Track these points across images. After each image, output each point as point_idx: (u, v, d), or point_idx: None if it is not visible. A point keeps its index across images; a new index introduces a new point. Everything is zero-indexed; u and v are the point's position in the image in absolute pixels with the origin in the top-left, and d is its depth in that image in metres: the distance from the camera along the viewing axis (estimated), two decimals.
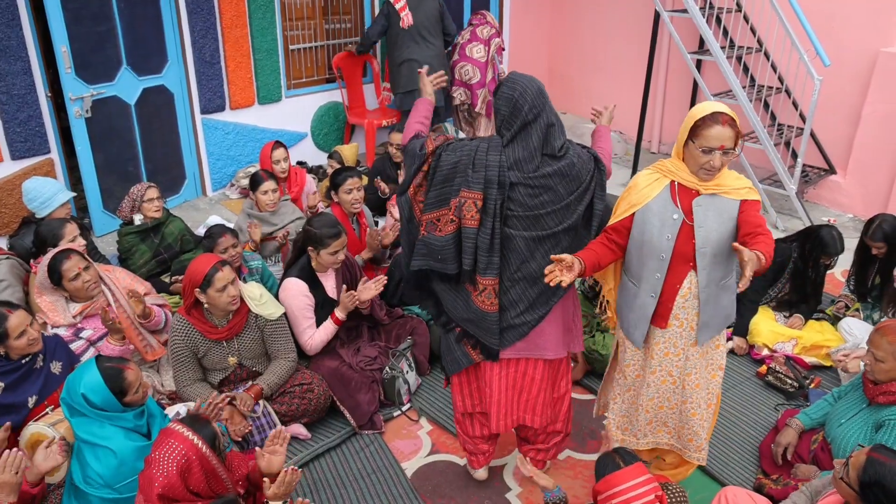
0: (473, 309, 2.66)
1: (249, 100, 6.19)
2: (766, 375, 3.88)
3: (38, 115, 5.04)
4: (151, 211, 4.43)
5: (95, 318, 3.51)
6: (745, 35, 6.29)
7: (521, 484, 3.22)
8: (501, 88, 2.51)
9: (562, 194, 2.54)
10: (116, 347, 3.41)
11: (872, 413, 2.85)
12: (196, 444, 2.35)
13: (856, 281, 4.23)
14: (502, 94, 2.50)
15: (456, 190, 2.54)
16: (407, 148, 2.74)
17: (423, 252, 2.65)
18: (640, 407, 2.86)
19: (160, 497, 2.27)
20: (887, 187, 5.78)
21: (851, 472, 2.16)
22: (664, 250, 2.57)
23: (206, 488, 2.38)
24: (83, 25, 5.03)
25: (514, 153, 2.51)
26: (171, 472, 2.28)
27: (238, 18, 5.88)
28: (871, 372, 2.83)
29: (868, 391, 2.88)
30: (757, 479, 3.16)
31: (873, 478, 2.10)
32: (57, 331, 3.41)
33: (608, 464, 2.33)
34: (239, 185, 6.19)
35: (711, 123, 2.41)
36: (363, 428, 3.51)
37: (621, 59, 7.63)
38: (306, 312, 3.62)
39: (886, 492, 2.06)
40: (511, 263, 2.59)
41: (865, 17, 5.68)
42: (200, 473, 2.35)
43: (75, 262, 3.39)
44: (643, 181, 2.64)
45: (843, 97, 5.94)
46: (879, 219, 3.97)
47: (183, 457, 2.32)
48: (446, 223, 2.57)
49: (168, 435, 2.37)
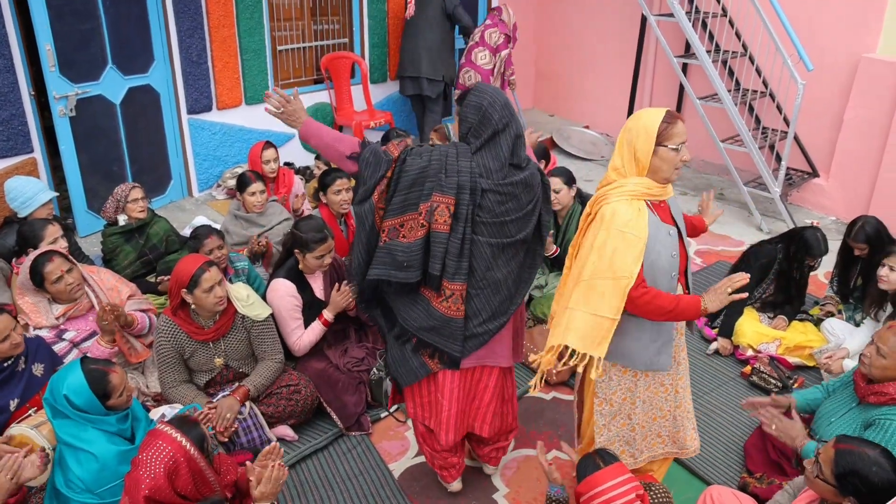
0: (436, 316, 2.62)
1: (237, 100, 6.17)
2: (751, 376, 3.92)
3: (21, 113, 4.98)
4: (136, 212, 4.39)
5: (79, 320, 3.47)
6: (730, 39, 6.36)
7: (508, 484, 3.23)
8: (469, 97, 2.53)
9: (523, 203, 2.59)
10: (106, 350, 3.36)
11: (861, 412, 2.85)
12: (184, 445, 2.33)
13: (838, 282, 4.29)
14: (470, 102, 2.52)
15: (427, 195, 2.52)
16: (362, 156, 2.59)
17: (384, 261, 2.60)
18: (636, 426, 2.74)
19: (147, 499, 2.24)
20: (869, 190, 5.86)
21: (824, 468, 2.18)
22: (673, 268, 2.49)
23: (193, 490, 2.36)
24: (68, 23, 4.97)
25: (483, 161, 2.53)
26: (158, 474, 2.26)
27: (225, 18, 5.85)
28: (869, 366, 2.79)
29: (859, 389, 2.86)
30: (741, 477, 3.18)
31: (846, 468, 2.12)
32: (39, 332, 3.36)
33: (589, 465, 2.34)
34: (226, 185, 6.15)
35: (673, 120, 2.38)
36: (350, 429, 3.50)
37: (608, 62, 7.67)
38: (294, 313, 3.61)
39: (862, 477, 2.09)
40: (477, 270, 2.59)
41: (848, 23, 5.76)
42: (188, 475, 2.33)
43: (58, 265, 3.33)
44: (631, 217, 2.38)
45: (826, 101, 6.02)
46: (862, 220, 4.03)
47: (171, 458, 2.30)
48: (414, 228, 2.55)
49: (155, 436, 2.35)
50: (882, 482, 2.07)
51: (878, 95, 5.63)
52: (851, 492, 2.12)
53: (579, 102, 8.15)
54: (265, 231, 4.62)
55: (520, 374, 3.94)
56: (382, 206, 2.59)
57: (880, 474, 2.08)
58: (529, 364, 2.56)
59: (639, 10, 6.47)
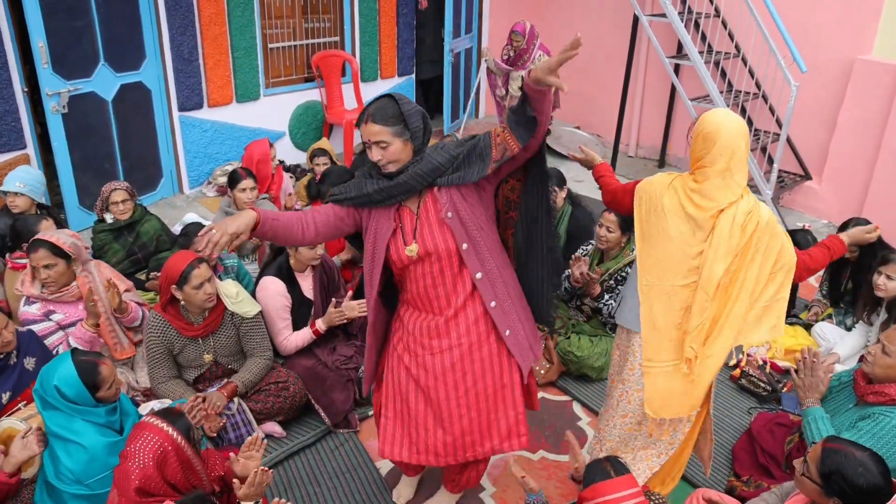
0: None
1: (227, 98, 6.16)
2: (740, 379, 3.91)
3: (15, 109, 4.98)
4: (118, 213, 4.35)
5: (70, 305, 3.48)
6: (723, 40, 6.36)
7: (494, 483, 3.23)
8: (406, 107, 2.36)
9: None
10: (88, 332, 3.38)
11: (858, 412, 2.83)
12: (171, 434, 2.33)
13: (829, 286, 4.26)
14: (411, 112, 2.38)
15: None
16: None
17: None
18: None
19: (138, 491, 2.24)
20: (862, 193, 5.86)
21: (811, 466, 2.19)
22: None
23: (182, 480, 2.36)
24: (60, 20, 4.97)
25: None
26: (147, 464, 2.26)
27: (217, 16, 5.85)
28: (872, 364, 2.76)
29: (858, 388, 2.83)
30: (729, 481, 3.18)
31: (831, 467, 2.13)
32: (28, 309, 3.40)
33: (598, 471, 2.28)
34: (216, 182, 6.14)
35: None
36: (338, 427, 3.50)
37: (600, 62, 7.67)
38: (283, 313, 3.60)
39: (846, 478, 2.09)
40: None
41: (842, 25, 5.76)
42: (177, 464, 2.33)
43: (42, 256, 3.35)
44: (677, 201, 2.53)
45: (820, 104, 6.02)
46: (853, 223, 4.00)
47: (159, 447, 2.30)
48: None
49: (143, 428, 2.35)
50: (867, 485, 2.07)
51: (873, 97, 5.62)
52: (836, 492, 2.12)
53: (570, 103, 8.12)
54: None
55: None
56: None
57: (866, 476, 2.08)
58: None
59: (631, 10, 6.47)
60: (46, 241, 3.37)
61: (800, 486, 2.28)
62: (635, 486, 2.24)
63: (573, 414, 3.72)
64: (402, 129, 2.33)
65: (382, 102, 2.35)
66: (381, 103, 2.35)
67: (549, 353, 3.90)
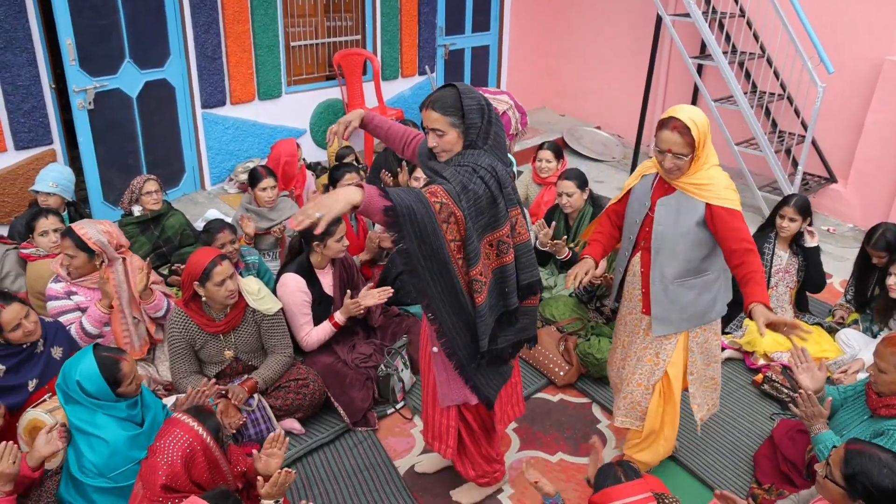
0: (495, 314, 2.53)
1: (250, 95, 6.19)
2: (763, 384, 3.86)
3: (42, 106, 5.05)
4: (150, 203, 4.45)
5: (91, 290, 3.54)
6: (747, 40, 6.29)
7: (513, 485, 3.22)
8: (467, 101, 2.33)
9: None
10: (98, 312, 3.44)
11: (873, 424, 2.81)
12: (201, 434, 2.36)
13: (855, 291, 4.19)
14: (472, 107, 2.34)
15: (503, 215, 2.39)
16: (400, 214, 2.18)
17: (493, 304, 2.45)
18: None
19: (164, 487, 2.27)
20: (889, 197, 5.77)
21: (834, 469, 2.16)
22: (633, 233, 2.84)
23: (208, 479, 2.39)
24: (87, 18, 5.04)
25: (499, 158, 2.44)
26: (175, 461, 2.29)
27: (240, 14, 5.88)
28: (875, 384, 2.79)
29: (871, 402, 2.83)
30: (750, 488, 3.15)
31: (856, 468, 2.10)
32: (53, 286, 3.48)
33: (609, 476, 2.27)
34: (238, 179, 6.18)
35: (662, 127, 2.59)
36: (357, 425, 3.51)
37: (621, 62, 7.62)
38: (303, 309, 3.62)
39: (871, 479, 2.06)
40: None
41: (871, 25, 5.66)
42: (204, 464, 2.36)
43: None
44: (641, 167, 2.88)
45: (846, 105, 5.93)
46: (882, 227, 3.94)
47: (188, 446, 2.32)
48: (504, 251, 2.42)
49: (173, 424, 2.39)
50: (892, 485, 2.04)
51: None
52: (861, 494, 2.09)
53: (591, 102, 8.10)
54: (275, 225, 4.64)
55: (530, 376, 3.94)
56: (460, 256, 2.33)
57: (891, 477, 2.05)
58: None
59: (654, 9, 6.42)
60: (75, 232, 3.42)
61: (822, 490, 2.25)
62: (645, 491, 2.23)
63: (593, 416, 3.70)
64: (458, 121, 2.33)
65: (446, 91, 2.36)
66: (444, 91, 2.36)
67: (569, 355, 3.88)
